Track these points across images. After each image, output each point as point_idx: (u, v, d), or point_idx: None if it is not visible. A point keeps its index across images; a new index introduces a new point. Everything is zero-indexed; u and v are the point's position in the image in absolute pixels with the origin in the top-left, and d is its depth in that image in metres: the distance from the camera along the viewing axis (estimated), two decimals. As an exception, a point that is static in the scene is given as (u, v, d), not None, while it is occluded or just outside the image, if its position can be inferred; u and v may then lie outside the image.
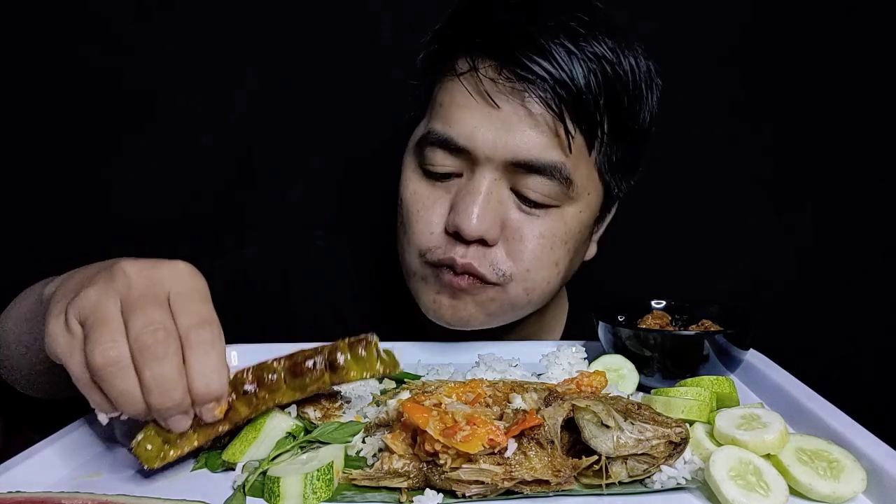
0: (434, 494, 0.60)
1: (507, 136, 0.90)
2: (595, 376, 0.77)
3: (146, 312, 0.61)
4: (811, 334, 1.46)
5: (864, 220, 1.46)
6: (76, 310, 0.62)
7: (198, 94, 1.41)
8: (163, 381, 0.59)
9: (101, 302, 0.61)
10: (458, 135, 0.91)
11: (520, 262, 0.94)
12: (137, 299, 0.62)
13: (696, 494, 0.62)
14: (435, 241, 0.95)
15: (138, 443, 0.63)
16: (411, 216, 0.97)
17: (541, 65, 0.87)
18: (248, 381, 0.67)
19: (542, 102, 0.89)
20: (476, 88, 0.91)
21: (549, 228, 0.94)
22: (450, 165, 0.94)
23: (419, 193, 0.97)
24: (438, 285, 0.97)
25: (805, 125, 1.44)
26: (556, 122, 0.89)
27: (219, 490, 0.63)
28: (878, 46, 1.42)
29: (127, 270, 0.63)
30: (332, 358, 0.69)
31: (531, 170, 0.91)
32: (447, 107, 0.93)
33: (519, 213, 0.94)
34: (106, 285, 0.63)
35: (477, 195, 0.91)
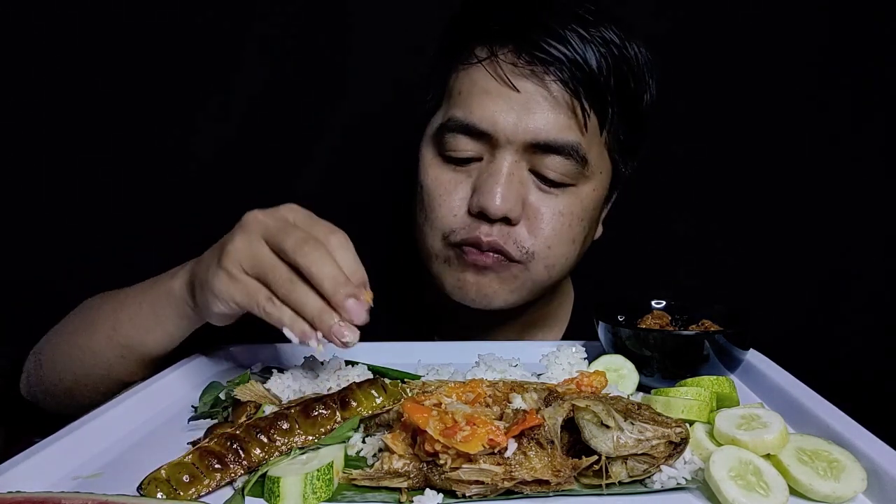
0: (434, 494, 0.60)
1: (528, 118, 0.95)
2: (595, 376, 0.77)
3: (291, 235, 0.73)
4: (811, 334, 1.46)
5: (864, 220, 1.46)
6: (232, 261, 0.76)
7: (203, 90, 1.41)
8: (329, 273, 0.71)
9: (253, 246, 0.75)
10: (480, 119, 0.96)
11: (541, 240, 1.00)
12: (278, 232, 0.74)
13: (696, 494, 0.62)
14: (459, 222, 1.00)
15: (147, 486, 0.61)
16: (433, 200, 1.02)
17: (557, 48, 0.94)
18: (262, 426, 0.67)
19: (561, 83, 0.94)
20: (496, 73, 0.96)
21: (566, 206, 1.00)
22: (471, 150, 0.99)
23: (441, 179, 1.02)
24: (463, 265, 1.02)
25: (805, 125, 1.44)
26: (573, 102, 0.95)
27: (219, 490, 0.63)
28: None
29: (255, 217, 0.77)
30: (343, 396, 0.71)
31: (550, 150, 0.96)
32: (466, 94, 0.98)
33: (538, 192, 0.99)
34: (247, 233, 0.76)
35: (500, 176, 0.96)
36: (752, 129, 1.45)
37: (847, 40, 1.41)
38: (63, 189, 1.42)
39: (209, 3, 1.38)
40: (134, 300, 0.94)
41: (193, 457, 0.63)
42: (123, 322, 0.93)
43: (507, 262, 1.00)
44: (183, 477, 0.61)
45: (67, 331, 1.03)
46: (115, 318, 0.94)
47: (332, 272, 0.71)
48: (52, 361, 1.02)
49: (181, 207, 1.42)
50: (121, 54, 1.38)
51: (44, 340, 1.07)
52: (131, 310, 0.93)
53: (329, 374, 0.82)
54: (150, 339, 0.92)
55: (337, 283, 0.71)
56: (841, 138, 1.45)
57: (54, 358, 1.02)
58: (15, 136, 1.40)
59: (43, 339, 1.07)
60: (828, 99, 1.43)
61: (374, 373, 0.84)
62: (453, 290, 1.04)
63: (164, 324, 0.90)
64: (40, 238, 1.42)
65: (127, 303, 0.94)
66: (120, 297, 0.98)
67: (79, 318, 1.03)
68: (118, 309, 0.95)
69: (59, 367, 1.01)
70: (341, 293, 0.71)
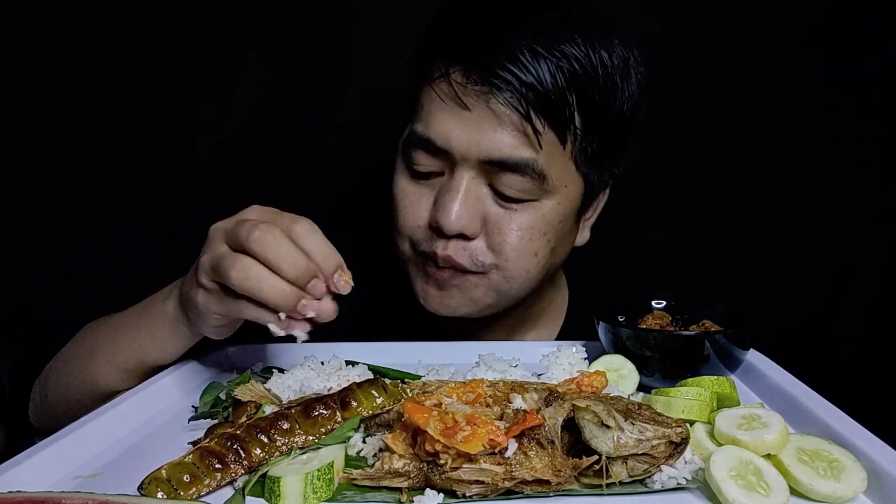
0: (434, 494, 0.60)
1: (479, 136, 0.94)
2: (595, 376, 0.77)
3: (245, 225, 0.73)
4: (811, 334, 1.46)
5: (864, 220, 1.46)
6: (203, 274, 0.76)
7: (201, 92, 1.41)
8: (286, 256, 0.71)
9: (215, 252, 0.75)
10: (436, 136, 0.97)
11: (500, 254, 1.00)
12: (234, 228, 0.74)
13: (697, 494, 0.62)
14: (421, 234, 1.03)
15: (147, 486, 0.61)
16: (399, 212, 1.05)
17: (507, 68, 0.91)
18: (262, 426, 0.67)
19: (507, 104, 0.92)
20: (447, 93, 0.96)
21: (527, 221, 0.99)
22: (431, 165, 1.00)
23: (406, 191, 1.04)
24: (426, 276, 1.04)
25: (805, 125, 1.44)
26: (522, 122, 0.93)
27: (219, 490, 0.63)
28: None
29: (217, 226, 0.77)
30: (343, 396, 0.71)
31: (504, 167, 0.95)
32: (426, 110, 0.99)
33: (498, 207, 0.99)
34: (210, 243, 0.76)
35: (456, 193, 0.97)
36: (751, 128, 1.45)
37: (847, 39, 1.42)
38: (63, 189, 1.42)
39: (208, 5, 1.38)
40: (130, 326, 0.93)
41: (194, 457, 0.63)
42: (123, 348, 0.92)
43: (465, 273, 1.01)
44: (183, 477, 0.61)
45: (68, 361, 1.03)
46: (112, 344, 0.94)
47: (289, 254, 0.71)
48: (57, 394, 1.02)
49: (180, 208, 1.42)
50: (120, 56, 1.39)
51: (47, 371, 1.07)
52: (129, 335, 0.92)
53: (329, 374, 0.82)
54: (150, 360, 0.91)
55: (296, 265, 0.71)
56: (841, 138, 1.45)
57: (58, 390, 1.02)
58: (15, 137, 1.40)
59: (46, 368, 1.07)
60: (828, 99, 1.43)
61: (374, 373, 0.84)
62: (420, 299, 1.06)
63: (162, 344, 0.90)
64: (41, 238, 1.42)
65: (122, 329, 0.94)
66: (115, 323, 0.98)
67: (78, 347, 1.04)
68: (115, 336, 0.95)
69: (64, 398, 1.01)
70: (303, 276, 0.71)
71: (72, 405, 0.99)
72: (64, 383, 1.01)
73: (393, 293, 1.19)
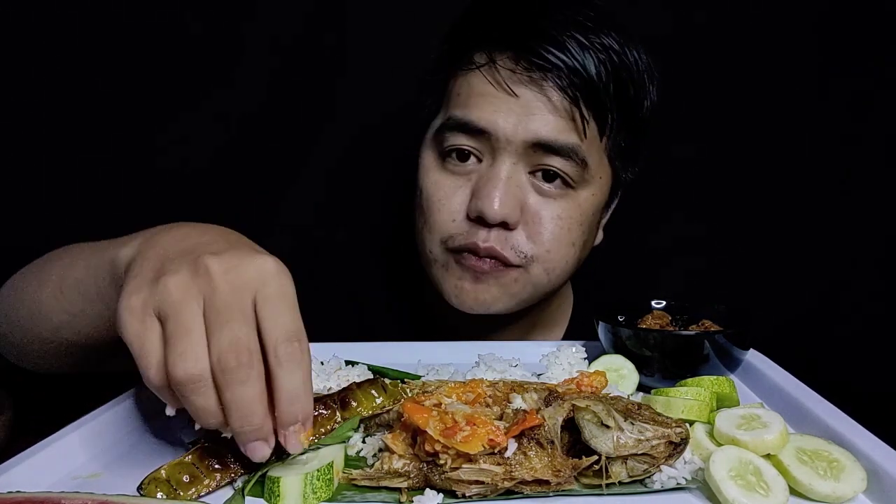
0: (434, 494, 0.60)
1: (527, 120, 0.95)
2: (595, 376, 0.77)
3: (231, 328, 0.55)
4: (811, 334, 1.46)
5: (864, 221, 1.46)
6: (155, 302, 0.57)
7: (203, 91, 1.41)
8: (243, 405, 0.55)
9: (184, 303, 0.56)
10: (478, 118, 0.96)
11: (540, 244, 1.00)
12: (222, 309, 0.56)
13: (696, 494, 0.62)
14: (457, 227, 1.00)
15: (147, 486, 0.61)
16: (433, 205, 1.02)
17: (556, 55, 0.94)
18: None
19: (559, 90, 0.94)
20: (495, 79, 0.96)
21: (565, 210, 1.00)
22: (470, 147, 0.99)
23: (440, 183, 1.02)
24: (460, 270, 1.01)
25: (806, 126, 1.44)
26: (572, 108, 0.95)
27: (218, 490, 0.63)
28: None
29: (212, 269, 0.58)
30: (343, 396, 0.71)
31: (550, 150, 0.96)
32: (465, 96, 0.99)
33: (537, 196, 0.99)
34: (189, 280, 0.57)
35: (498, 180, 0.96)
36: (752, 130, 1.45)
37: (849, 41, 1.41)
38: (62, 189, 1.41)
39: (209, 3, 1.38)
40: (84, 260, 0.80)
41: (193, 457, 0.63)
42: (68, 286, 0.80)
43: (505, 267, 1.00)
44: (183, 477, 0.61)
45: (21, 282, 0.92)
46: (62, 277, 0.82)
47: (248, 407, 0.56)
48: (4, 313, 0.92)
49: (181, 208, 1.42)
50: (118, 57, 1.38)
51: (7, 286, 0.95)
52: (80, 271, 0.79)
53: (329, 374, 0.82)
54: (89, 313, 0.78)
55: (247, 421, 0.56)
56: (841, 139, 1.45)
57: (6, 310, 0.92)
58: (12, 138, 1.40)
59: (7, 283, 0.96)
60: (828, 100, 1.43)
61: (374, 373, 0.84)
62: (451, 297, 1.04)
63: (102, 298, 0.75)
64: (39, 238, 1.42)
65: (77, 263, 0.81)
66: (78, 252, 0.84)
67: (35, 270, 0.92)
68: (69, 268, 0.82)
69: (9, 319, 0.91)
70: (247, 433, 0.57)
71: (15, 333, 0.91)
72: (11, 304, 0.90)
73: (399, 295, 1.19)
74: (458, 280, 1.02)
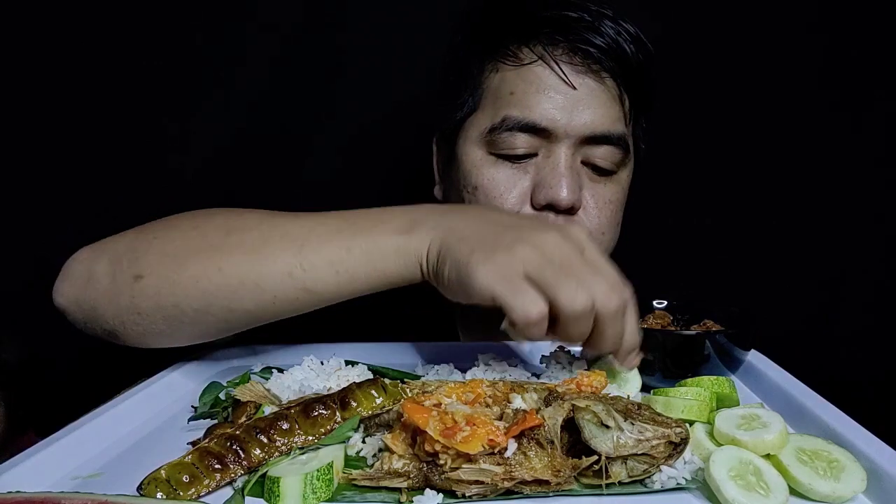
0: (434, 494, 0.60)
1: (584, 112, 1.00)
2: (595, 376, 0.76)
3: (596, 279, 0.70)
4: (811, 334, 1.46)
5: (864, 221, 1.46)
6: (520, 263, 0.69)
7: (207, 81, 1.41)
8: (628, 333, 0.74)
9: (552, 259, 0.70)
10: (541, 118, 1.00)
11: (597, 227, 1.04)
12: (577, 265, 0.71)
13: (696, 494, 0.62)
14: None
15: (147, 486, 0.61)
16: (492, 200, 1.03)
17: (602, 40, 0.99)
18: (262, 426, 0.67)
19: (612, 76, 1.01)
20: (552, 72, 1.00)
21: (613, 193, 1.06)
22: (529, 146, 1.02)
23: (497, 178, 1.03)
24: None
25: (805, 125, 1.44)
26: (622, 94, 1.02)
27: (218, 490, 0.63)
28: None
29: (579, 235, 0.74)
30: (343, 396, 0.71)
31: (602, 141, 1.01)
32: (521, 94, 1.01)
33: (590, 182, 1.04)
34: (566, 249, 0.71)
35: (563, 168, 1.00)
36: (752, 128, 1.45)
37: (847, 39, 1.41)
38: (62, 188, 1.41)
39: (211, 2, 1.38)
40: (332, 243, 0.79)
41: (193, 457, 0.63)
42: (315, 266, 0.79)
43: None
44: (183, 477, 0.61)
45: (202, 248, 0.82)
46: (297, 256, 0.79)
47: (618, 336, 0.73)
48: (168, 281, 0.81)
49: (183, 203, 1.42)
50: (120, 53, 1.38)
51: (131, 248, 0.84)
52: (329, 253, 0.78)
53: (329, 374, 0.82)
54: (348, 291, 0.81)
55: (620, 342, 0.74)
56: (841, 138, 1.45)
57: (175, 277, 0.80)
58: (14, 135, 1.40)
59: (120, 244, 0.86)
60: (828, 99, 1.43)
61: (374, 373, 0.84)
62: None
63: (375, 280, 0.80)
64: (41, 237, 1.42)
65: (315, 244, 0.79)
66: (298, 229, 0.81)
67: (225, 235, 0.82)
68: (303, 247, 0.79)
69: (179, 288, 0.80)
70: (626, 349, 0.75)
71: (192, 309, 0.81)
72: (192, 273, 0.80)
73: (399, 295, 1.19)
74: None
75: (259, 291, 0.79)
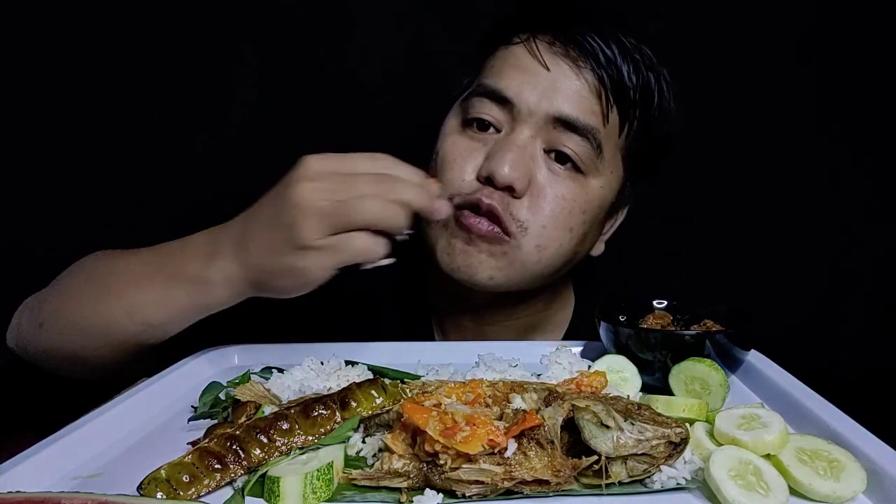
0: (434, 494, 0.60)
1: (554, 95, 0.99)
2: (595, 376, 0.77)
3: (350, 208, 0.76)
4: (811, 334, 1.46)
5: (864, 220, 1.46)
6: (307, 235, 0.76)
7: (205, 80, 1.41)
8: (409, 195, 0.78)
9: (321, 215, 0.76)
10: (506, 87, 1.00)
11: (538, 217, 1.00)
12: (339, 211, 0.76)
13: (696, 494, 0.62)
14: (465, 187, 1.02)
15: (147, 486, 0.61)
16: (446, 164, 1.04)
17: (596, 43, 0.99)
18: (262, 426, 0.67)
19: (592, 71, 0.99)
20: (531, 51, 1.01)
21: (571, 192, 1.01)
22: (492, 116, 1.02)
23: (458, 144, 1.04)
24: (456, 229, 1.02)
25: (805, 125, 1.44)
26: (600, 89, 1.00)
27: (218, 490, 0.63)
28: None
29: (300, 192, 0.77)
30: (343, 396, 0.71)
31: (569, 127, 0.99)
32: (498, 67, 1.04)
33: (547, 172, 1.01)
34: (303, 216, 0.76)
35: (513, 145, 0.99)
36: (752, 128, 1.45)
37: (846, 39, 1.41)
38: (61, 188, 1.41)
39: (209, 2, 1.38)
40: (153, 281, 0.89)
41: (193, 457, 0.63)
42: (144, 304, 0.89)
43: (500, 233, 1.00)
44: (183, 477, 0.61)
45: (72, 295, 0.98)
46: (130, 296, 0.90)
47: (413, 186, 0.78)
48: (55, 327, 0.97)
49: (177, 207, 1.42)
50: (119, 53, 1.39)
51: (42, 298, 1.02)
52: (154, 293, 0.89)
53: (329, 374, 0.82)
54: (181, 322, 0.90)
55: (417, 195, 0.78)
56: (841, 138, 1.45)
57: (59, 323, 0.97)
58: (15, 135, 1.40)
59: (38, 296, 1.02)
60: (828, 99, 1.43)
61: (374, 373, 0.84)
62: (442, 256, 1.04)
63: (199, 311, 0.88)
64: (39, 237, 1.42)
65: (143, 284, 0.90)
66: (132, 271, 0.93)
67: (85, 282, 0.98)
68: (132, 287, 0.90)
69: (64, 332, 0.96)
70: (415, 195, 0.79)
71: (73, 345, 0.96)
72: (67, 318, 0.96)
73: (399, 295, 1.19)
74: (452, 238, 1.02)
75: (113, 329, 0.91)
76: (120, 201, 1.42)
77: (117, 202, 1.42)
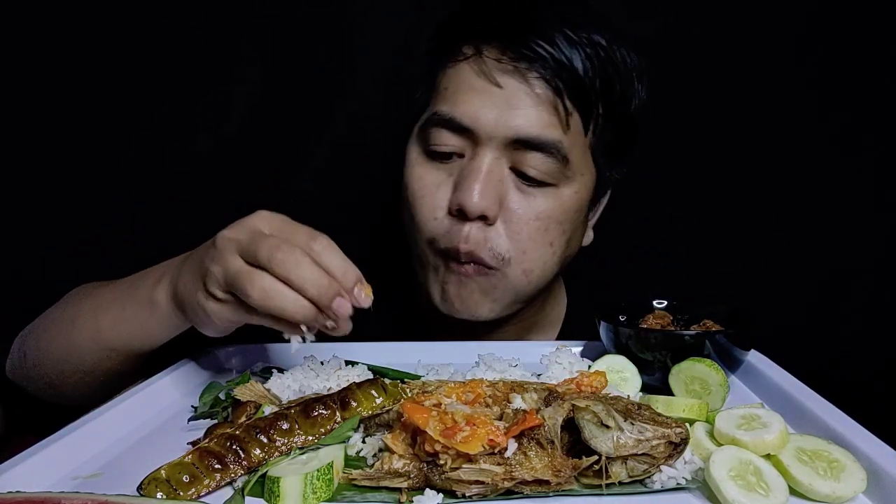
0: (434, 494, 0.60)
1: (509, 114, 0.95)
2: (595, 376, 0.77)
3: (264, 243, 0.72)
4: (811, 334, 1.46)
5: (864, 220, 1.46)
6: (213, 284, 0.75)
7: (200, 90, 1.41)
8: (309, 277, 0.71)
9: (227, 266, 0.73)
10: (463, 115, 0.96)
11: (517, 244, 0.99)
12: (249, 245, 0.73)
13: (696, 494, 0.62)
14: (440, 226, 1.00)
15: (147, 486, 0.61)
16: (416, 201, 1.02)
17: (543, 47, 0.94)
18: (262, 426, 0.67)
19: (544, 80, 0.94)
20: (480, 69, 0.96)
21: (545, 209, 0.99)
22: (453, 145, 0.99)
23: (424, 178, 1.02)
24: (446, 274, 1.02)
25: (805, 124, 1.44)
26: (556, 99, 0.95)
27: (218, 490, 0.63)
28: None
29: (226, 234, 0.75)
30: (343, 396, 0.71)
31: (531, 146, 0.95)
32: (452, 90, 0.99)
33: (517, 192, 0.98)
34: (221, 255, 0.74)
35: (479, 173, 0.96)
36: (751, 128, 1.45)
37: (845, 38, 1.41)
38: (60, 188, 1.41)
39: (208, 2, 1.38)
40: (115, 304, 0.92)
41: (193, 457, 0.63)
42: (106, 328, 0.92)
43: (486, 271, 1.00)
44: (183, 477, 0.61)
45: (50, 326, 1.01)
46: (95, 321, 0.93)
47: (312, 275, 0.71)
48: (35, 356, 1.01)
49: (176, 207, 1.42)
50: (118, 54, 1.38)
51: (29, 330, 1.05)
52: (114, 314, 0.91)
53: (329, 374, 0.82)
54: (136, 344, 0.91)
55: (320, 285, 0.71)
56: (840, 138, 1.44)
57: (38, 354, 1.01)
58: (14, 135, 1.40)
59: (29, 326, 1.06)
60: (827, 98, 1.43)
61: (374, 373, 0.84)
62: (437, 299, 1.04)
63: (149, 332, 0.89)
64: (38, 236, 1.42)
65: (106, 307, 0.93)
66: (101, 297, 0.96)
67: (61, 313, 1.01)
68: (99, 312, 0.93)
69: (42, 361, 1.00)
70: (326, 295, 0.71)
71: (50, 373, 0.99)
72: (44, 348, 0.99)
73: (396, 294, 1.19)
74: (445, 284, 1.03)
75: (78, 354, 0.94)
76: (120, 201, 1.41)
77: (117, 202, 1.42)
